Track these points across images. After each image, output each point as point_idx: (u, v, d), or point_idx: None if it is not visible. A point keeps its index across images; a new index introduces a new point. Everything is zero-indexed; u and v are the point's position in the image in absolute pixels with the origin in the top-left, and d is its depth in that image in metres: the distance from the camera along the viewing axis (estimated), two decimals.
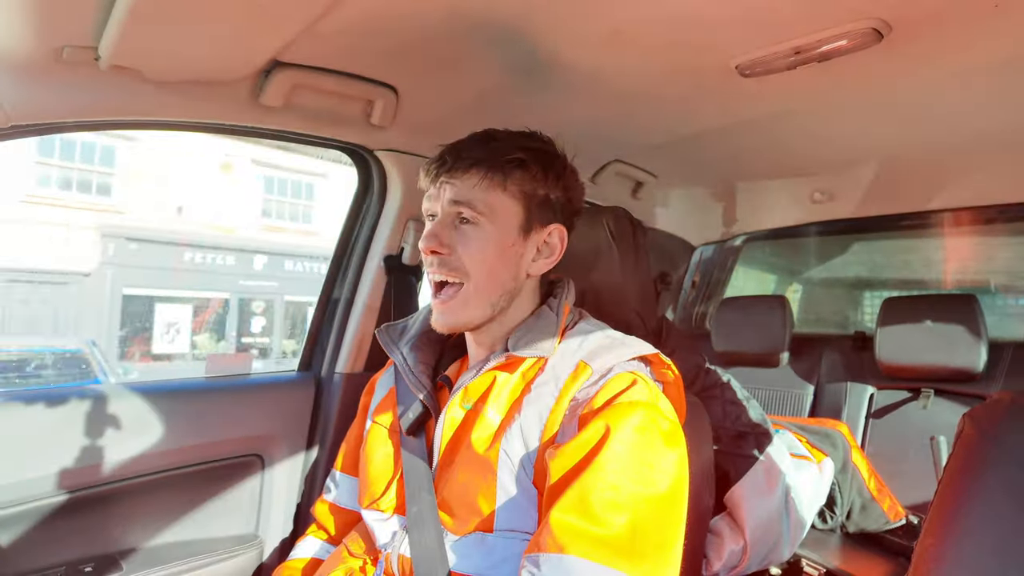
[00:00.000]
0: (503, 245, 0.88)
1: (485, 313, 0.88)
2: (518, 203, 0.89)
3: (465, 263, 0.86)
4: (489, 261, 0.87)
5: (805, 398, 2.09)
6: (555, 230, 0.92)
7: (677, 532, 0.74)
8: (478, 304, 0.88)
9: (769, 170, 1.92)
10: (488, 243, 0.87)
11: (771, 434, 1.21)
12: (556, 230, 0.92)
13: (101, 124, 1.08)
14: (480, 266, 0.87)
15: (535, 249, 0.91)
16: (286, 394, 1.43)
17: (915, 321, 1.80)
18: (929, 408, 1.79)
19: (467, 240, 0.87)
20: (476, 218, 0.86)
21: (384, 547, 0.89)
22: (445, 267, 0.87)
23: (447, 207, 0.87)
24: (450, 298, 0.87)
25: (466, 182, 0.87)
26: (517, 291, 0.91)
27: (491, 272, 0.87)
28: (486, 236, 0.87)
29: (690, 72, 1.18)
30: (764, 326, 2.15)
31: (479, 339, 0.93)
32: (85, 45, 0.89)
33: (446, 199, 0.87)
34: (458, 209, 0.87)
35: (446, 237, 0.87)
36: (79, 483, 1.10)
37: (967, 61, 1.11)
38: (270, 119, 1.16)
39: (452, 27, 1.02)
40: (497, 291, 0.88)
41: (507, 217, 0.88)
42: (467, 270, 0.87)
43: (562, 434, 0.80)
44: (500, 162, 0.87)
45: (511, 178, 0.88)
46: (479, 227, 0.87)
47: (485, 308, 0.88)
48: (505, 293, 0.89)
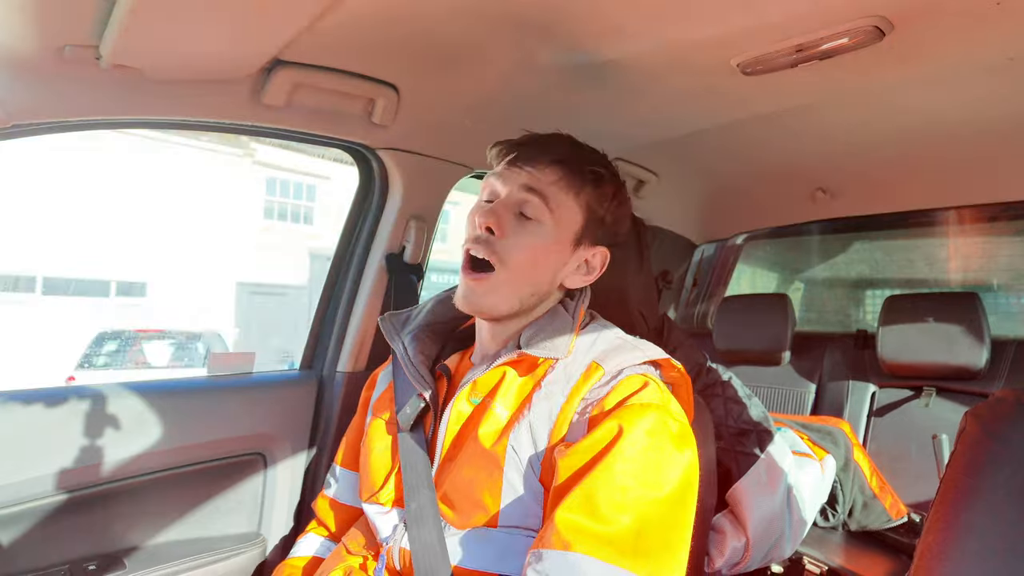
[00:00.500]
0: (553, 248, 0.87)
1: (511, 306, 0.88)
2: (581, 214, 0.89)
3: (511, 252, 0.85)
4: (534, 258, 0.86)
5: (807, 396, 2.09)
6: (600, 252, 0.93)
7: (684, 533, 0.74)
8: (507, 294, 0.87)
9: (771, 168, 1.92)
10: (542, 241, 0.86)
11: (773, 432, 1.21)
12: (601, 252, 0.93)
13: (103, 123, 1.08)
14: (523, 259, 0.86)
15: (577, 264, 0.91)
16: (288, 393, 1.43)
17: (917, 319, 1.80)
18: (931, 406, 1.79)
19: (523, 231, 0.86)
20: (541, 214, 0.86)
21: (385, 541, 0.89)
22: (489, 247, 0.85)
23: (517, 192, 0.86)
24: (481, 279, 0.86)
25: (545, 176, 0.86)
26: (547, 296, 0.91)
27: (530, 268, 0.87)
28: (543, 233, 0.86)
29: (692, 70, 1.18)
30: (766, 324, 2.15)
31: (495, 332, 0.92)
32: (86, 44, 0.89)
33: (518, 183, 0.86)
34: (528, 197, 0.86)
35: (506, 219, 0.86)
36: (83, 482, 1.11)
37: (968, 59, 1.11)
38: (272, 118, 1.17)
39: (453, 26, 1.02)
40: (528, 288, 0.88)
41: (568, 223, 0.88)
42: (508, 258, 0.85)
43: (571, 433, 0.80)
44: (582, 169, 0.88)
45: (585, 188, 0.88)
46: (540, 224, 0.86)
47: (512, 301, 0.87)
48: (536, 293, 0.89)
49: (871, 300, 2.94)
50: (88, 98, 0.98)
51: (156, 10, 0.82)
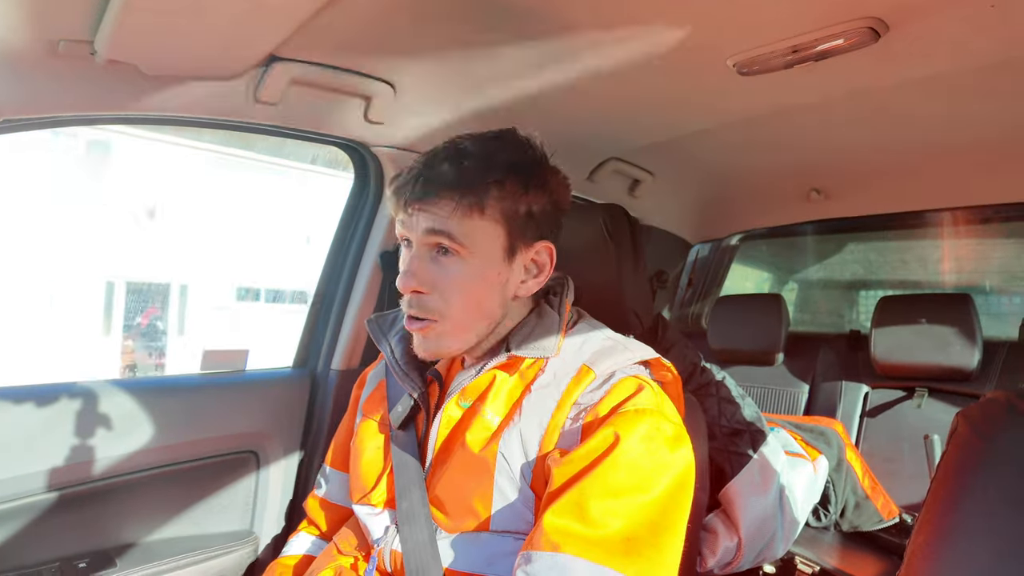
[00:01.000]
0: (487, 276, 0.82)
1: (467, 343, 0.85)
2: (499, 226, 0.81)
3: (445, 302, 0.81)
4: (473, 296, 0.82)
5: (800, 396, 2.09)
6: (543, 248, 0.86)
7: (676, 534, 0.74)
8: (459, 336, 0.84)
9: (766, 169, 1.92)
10: (471, 277, 0.81)
11: (766, 432, 1.22)
12: (544, 247, 0.86)
13: (97, 119, 1.07)
14: (462, 304, 0.81)
15: (522, 270, 0.85)
16: (281, 390, 1.43)
17: (910, 320, 1.81)
18: (923, 407, 1.80)
19: (448, 275, 0.80)
20: (457, 249, 0.79)
21: (376, 542, 0.89)
22: (423, 308, 0.81)
23: (422, 238, 0.80)
24: (423, 329, 0.82)
25: (440, 209, 0.79)
26: (505, 315, 0.87)
27: (473, 306, 0.82)
28: (468, 269, 0.80)
29: (687, 70, 1.18)
30: (760, 324, 2.16)
31: (470, 353, 0.89)
32: (81, 39, 0.89)
33: (420, 228, 0.80)
34: (435, 239, 0.80)
35: (425, 273, 0.81)
36: (73, 479, 1.10)
37: (964, 61, 1.11)
38: (267, 115, 1.16)
39: (449, 25, 1.02)
40: (481, 323, 0.84)
41: (489, 244, 0.81)
42: (445, 310, 0.81)
43: (563, 440, 0.79)
44: (476, 184, 0.79)
45: (488, 200, 0.80)
46: (460, 260, 0.80)
47: (468, 338, 0.84)
48: (490, 323, 0.85)
49: (864, 301, 2.96)
50: (82, 93, 0.97)
51: (151, 5, 0.82)
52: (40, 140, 10.14)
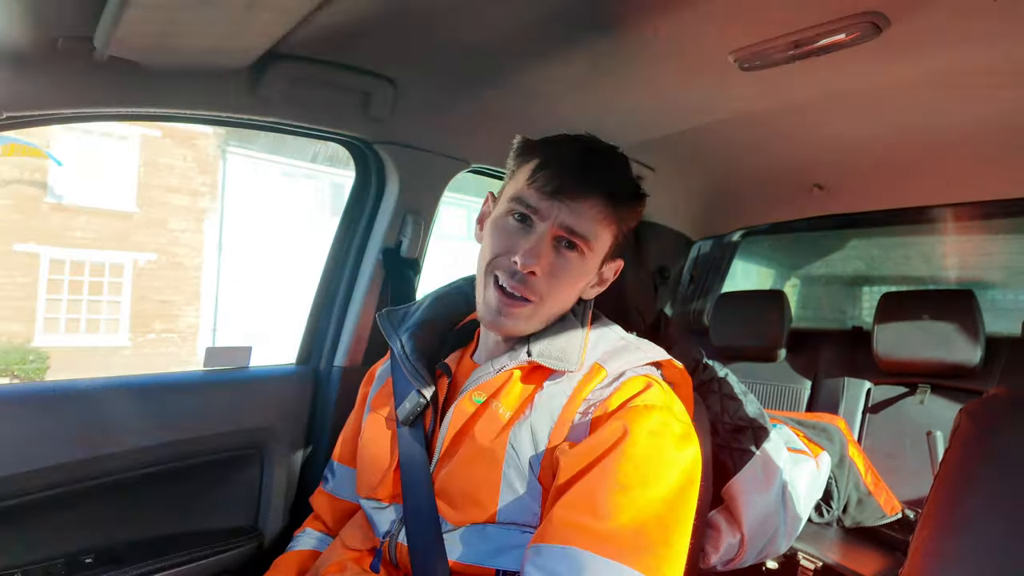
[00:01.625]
0: (587, 277, 0.87)
1: (539, 327, 0.87)
2: (612, 239, 0.88)
3: (550, 289, 0.84)
4: (571, 291, 0.86)
5: (802, 393, 2.09)
6: (616, 265, 0.92)
7: (684, 530, 0.75)
8: (540, 321, 0.87)
9: (768, 164, 1.92)
10: (579, 274, 0.85)
11: (768, 428, 1.22)
12: (617, 265, 0.92)
13: (98, 115, 1.07)
14: (560, 294, 0.85)
15: (597, 278, 0.91)
16: (284, 387, 1.43)
17: (913, 316, 1.80)
18: (926, 403, 1.80)
19: (562, 268, 0.84)
20: (583, 248, 0.84)
21: (382, 536, 0.89)
22: (529, 288, 0.83)
23: (557, 228, 0.83)
24: (514, 306, 0.84)
25: (586, 210, 0.82)
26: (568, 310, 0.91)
27: (566, 300, 0.87)
28: (580, 266, 0.85)
29: (688, 65, 1.18)
30: (762, 321, 2.16)
31: (508, 339, 0.91)
32: (81, 36, 0.89)
33: (560, 222, 0.82)
34: (570, 233, 0.83)
35: (547, 259, 0.83)
36: (79, 475, 1.10)
37: (965, 55, 1.11)
38: (267, 111, 1.16)
39: (449, 20, 1.02)
40: (559, 311, 0.88)
41: (603, 250, 0.87)
42: (546, 295, 0.84)
43: (573, 434, 0.80)
44: (623, 195, 0.86)
45: (621, 215, 0.86)
46: (580, 257, 0.84)
47: (542, 324, 0.87)
48: (563, 312, 0.89)
49: (867, 297, 2.95)
50: (83, 90, 0.97)
51: (150, 1, 0.81)
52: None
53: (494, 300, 0.85)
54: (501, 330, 0.87)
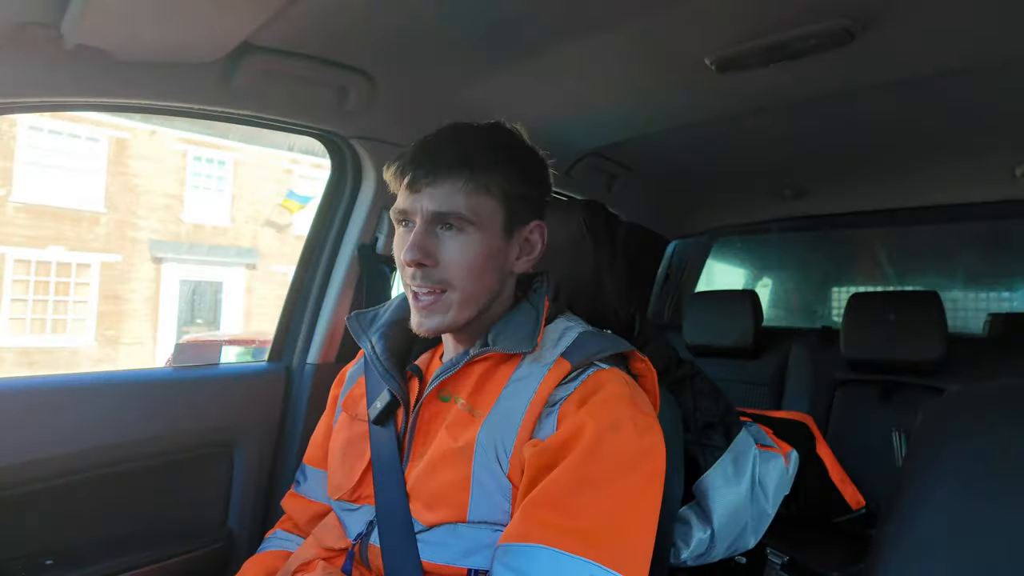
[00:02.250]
0: (489, 250, 0.85)
1: (470, 315, 0.87)
2: (500, 204, 0.86)
3: (451, 273, 0.84)
4: (476, 268, 0.85)
5: (772, 390, 2.13)
6: (536, 227, 0.91)
7: (650, 524, 0.75)
8: (462, 309, 0.86)
9: (742, 166, 1.95)
10: (475, 250, 0.84)
11: (739, 425, 1.23)
12: (536, 227, 0.91)
13: (65, 104, 1.04)
14: (467, 274, 0.84)
15: (518, 247, 0.90)
16: (256, 385, 1.41)
17: (880, 316, 1.85)
18: (891, 400, 1.84)
19: (451, 249, 0.84)
20: (462, 225, 0.83)
21: (354, 538, 0.89)
22: (429, 280, 0.84)
23: (429, 215, 0.83)
24: (431, 303, 0.85)
25: (449, 188, 0.82)
26: (501, 291, 0.90)
27: (478, 278, 0.85)
28: (473, 243, 0.84)
29: (667, 66, 1.19)
30: (734, 320, 2.19)
31: (458, 336, 0.92)
32: (47, 22, 0.86)
33: (427, 209, 0.83)
34: (442, 215, 0.83)
35: (430, 247, 0.83)
36: (41, 474, 1.07)
37: (935, 62, 1.14)
38: (241, 104, 1.14)
39: (427, 15, 1.01)
40: (483, 295, 0.87)
41: (491, 220, 0.85)
42: (451, 280, 0.84)
43: (539, 429, 0.80)
44: (482, 164, 0.84)
45: (493, 179, 0.85)
46: (465, 234, 0.84)
47: (470, 311, 0.86)
48: (490, 295, 0.88)
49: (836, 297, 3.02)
50: (49, 78, 0.95)
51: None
52: None
53: (414, 307, 0.87)
54: (430, 331, 0.87)
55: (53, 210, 11.11)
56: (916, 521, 0.71)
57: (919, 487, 0.74)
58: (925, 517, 0.71)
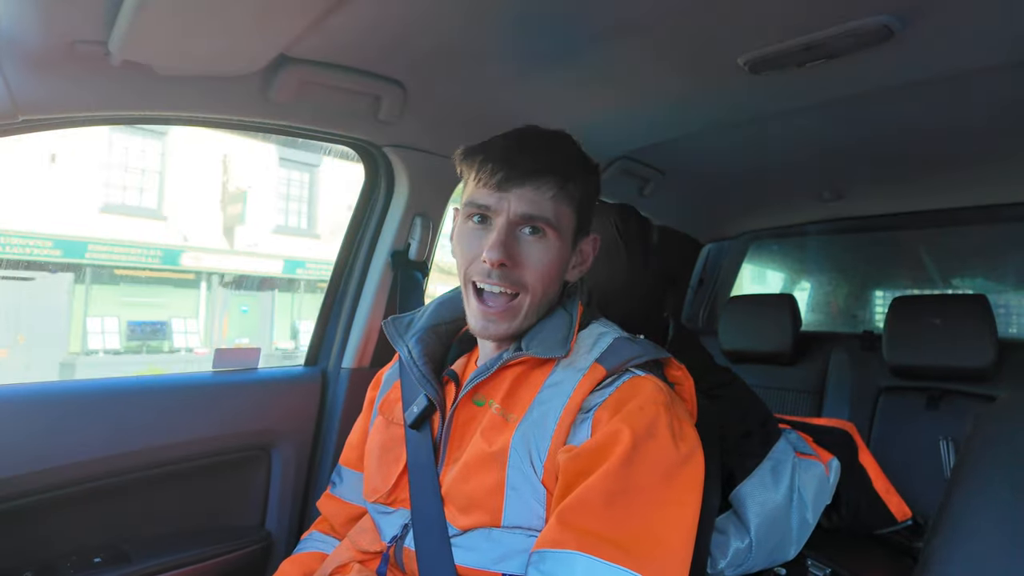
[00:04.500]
0: (562, 257, 0.86)
1: (532, 322, 0.87)
2: (575, 214, 0.87)
3: (527, 276, 0.84)
4: (550, 274, 0.85)
5: (812, 397, 2.08)
6: (591, 240, 0.92)
7: (688, 533, 0.74)
8: (530, 315, 0.86)
9: (777, 168, 1.91)
10: (552, 256, 0.85)
11: (778, 433, 1.21)
12: (592, 240, 0.93)
13: (111, 119, 1.08)
14: (541, 280, 0.85)
15: (575, 257, 0.91)
16: (293, 389, 1.44)
17: (924, 321, 1.79)
18: (938, 408, 1.78)
19: (533, 252, 0.84)
20: (546, 230, 0.84)
21: (389, 541, 0.89)
22: (507, 280, 0.84)
23: (515, 216, 0.83)
24: (503, 308, 0.85)
25: (539, 192, 0.83)
26: (557, 297, 0.90)
27: (548, 285, 0.86)
28: (552, 249, 0.85)
29: (699, 68, 1.18)
30: (771, 325, 2.14)
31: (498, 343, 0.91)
32: (96, 40, 0.90)
33: (515, 210, 0.82)
34: (530, 219, 0.83)
35: (513, 248, 0.83)
36: (88, 475, 1.11)
37: (977, 59, 1.10)
38: (278, 114, 1.17)
39: (460, 23, 1.02)
40: (547, 301, 0.88)
41: (568, 229, 0.86)
42: (527, 283, 0.84)
43: (573, 435, 0.79)
44: (571, 173, 0.85)
45: (576, 189, 0.86)
46: (546, 239, 0.84)
47: (535, 317, 0.87)
48: (551, 301, 0.89)
49: (878, 301, 2.93)
50: (97, 93, 0.99)
51: (164, 6, 0.82)
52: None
53: (477, 309, 0.86)
54: (493, 336, 0.87)
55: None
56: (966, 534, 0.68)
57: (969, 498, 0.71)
58: (976, 529, 0.68)
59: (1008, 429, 0.76)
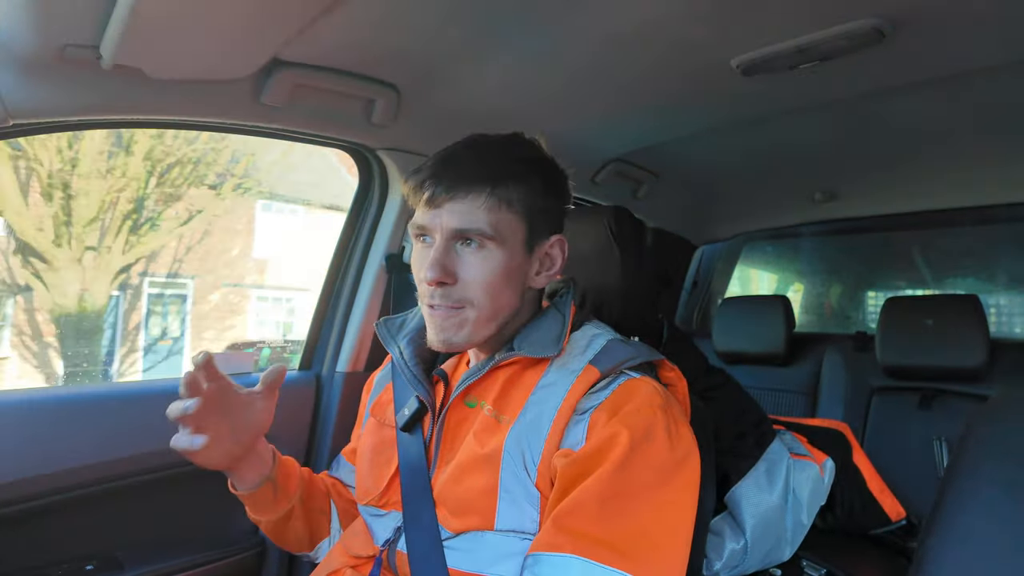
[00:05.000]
0: (509, 267, 0.83)
1: (488, 334, 0.86)
2: (522, 219, 0.83)
3: (470, 291, 0.82)
4: (496, 286, 0.83)
5: (806, 398, 2.09)
6: (556, 241, 0.89)
7: (684, 536, 0.74)
8: (480, 327, 0.84)
9: (770, 170, 1.92)
10: (495, 267, 0.82)
11: (772, 434, 1.21)
12: (557, 241, 0.89)
13: (103, 123, 1.08)
14: (486, 292, 0.82)
15: (538, 263, 0.88)
16: (287, 393, 1.42)
17: (917, 321, 1.80)
18: (931, 408, 1.79)
19: (471, 266, 0.82)
20: (483, 242, 0.81)
21: (381, 544, 0.89)
22: (448, 299, 0.82)
23: (449, 232, 0.82)
24: (447, 317, 0.83)
25: (470, 204, 0.80)
26: (520, 307, 0.88)
27: (497, 296, 0.83)
28: (493, 260, 0.82)
29: (691, 71, 1.18)
30: (765, 326, 2.15)
31: (481, 347, 0.91)
32: (87, 44, 0.89)
33: (448, 226, 0.81)
34: (463, 232, 0.81)
35: (451, 264, 0.82)
36: (81, 481, 1.10)
37: (968, 61, 1.11)
38: (271, 118, 1.16)
39: (453, 27, 1.02)
40: (502, 313, 0.85)
41: (513, 236, 0.83)
42: (471, 298, 0.83)
43: (567, 437, 0.78)
44: (504, 178, 0.81)
45: (515, 194, 0.82)
46: (486, 251, 0.82)
47: (489, 330, 0.85)
48: (510, 312, 0.86)
49: (871, 302, 2.95)
50: (89, 98, 0.98)
51: (156, 10, 0.82)
52: None
53: (430, 319, 0.85)
54: (451, 347, 0.85)
55: None
56: (960, 534, 0.68)
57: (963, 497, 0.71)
58: (970, 529, 0.68)
59: (1000, 429, 0.76)
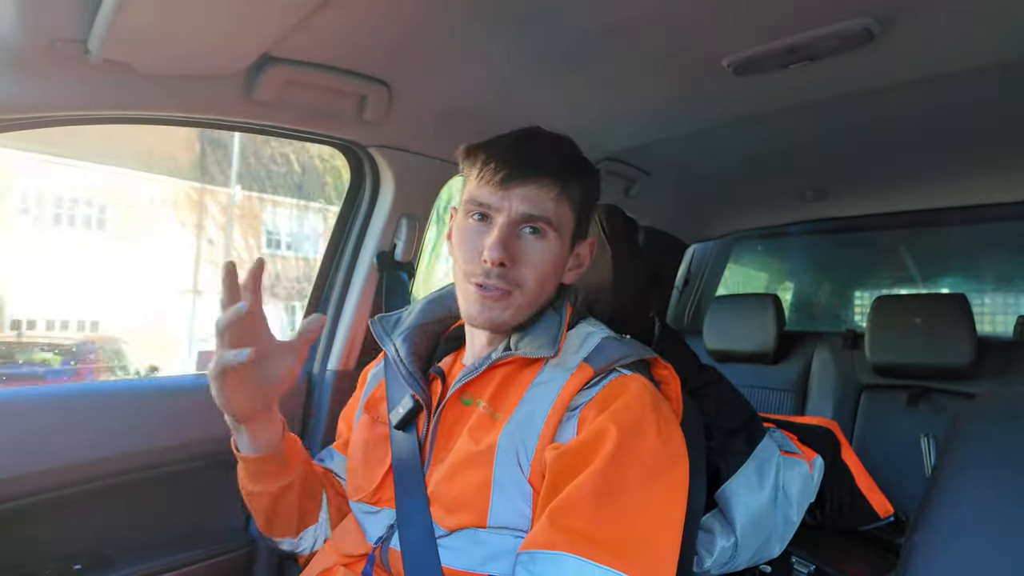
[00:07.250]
0: (558, 259, 0.87)
1: (523, 319, 0.87)
2: (575, 216, 0.88)
3: (524, 276, 0.84)
4: (546, 274, 0.86)
5: (796, 396, 2.10)
6: (589, 243, 0.93)
7: (674, 532, 0.74)
8: (523, 311, 0.86)
9: (762, 169, 1.93)
10: (550, 256, 0.85)
11: (762, 431, 1.22)
12: (590, 244, 0.93)
13: (92, 118, 1.07)
14: (536, 279, 0.85)
15: (573, 260, 0.91)
16: None
17: (905, 320, 1.81)
18: (919, 406, 1.81)
19: (531, 252, 0.84)
20: (546, 231, 0.84)
21: (374, 542, 0.89)
22: (505, 280, 0.84)
23: (517, 216, 0.83)
24: (496, 299, 0.84)
25: (541, 192, 0.83)
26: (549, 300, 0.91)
27: (543, 284, 0.86)
28: (550, 249, 0.85)
29: (683, 70, 1.19)
30: (755, 324, 2.16)
31: (492, 337, 0.91)
32: (75, 38, 0.88)
33: (517, 209, 0.83)
34: (530, 218, 0.83)
35: (513, 248, 0.83)
36: (70, 480, 1.09)
37: (957, 61, 1.12)
38: (262, 114, 1.16)
39: (445, 23, 1.02)
40: (541, 299, 0.88)
41: (567, 230, 0.87)
42: (524, 280, 0.84)
43: (560, 434, 0.79)
44: (572, 173, 0.86)
45: (577, 190, 0.87)
46: (546, 240, 0.85)
47: (528, 314, 0.87)
48: (545, 300, 0.89)
49: (860, 300, 2.97)
50: (77, 92, 0.97)
51: (145, 5, 0.81)
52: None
53: (474, 296, 0.85)
54: (488, 323, 0.86)
55: None
56: (947, 529, 0.69)
57: (950, 494, 0.72)
58: (956, 525, 0.69)
59: (986, 426, 0.77)
